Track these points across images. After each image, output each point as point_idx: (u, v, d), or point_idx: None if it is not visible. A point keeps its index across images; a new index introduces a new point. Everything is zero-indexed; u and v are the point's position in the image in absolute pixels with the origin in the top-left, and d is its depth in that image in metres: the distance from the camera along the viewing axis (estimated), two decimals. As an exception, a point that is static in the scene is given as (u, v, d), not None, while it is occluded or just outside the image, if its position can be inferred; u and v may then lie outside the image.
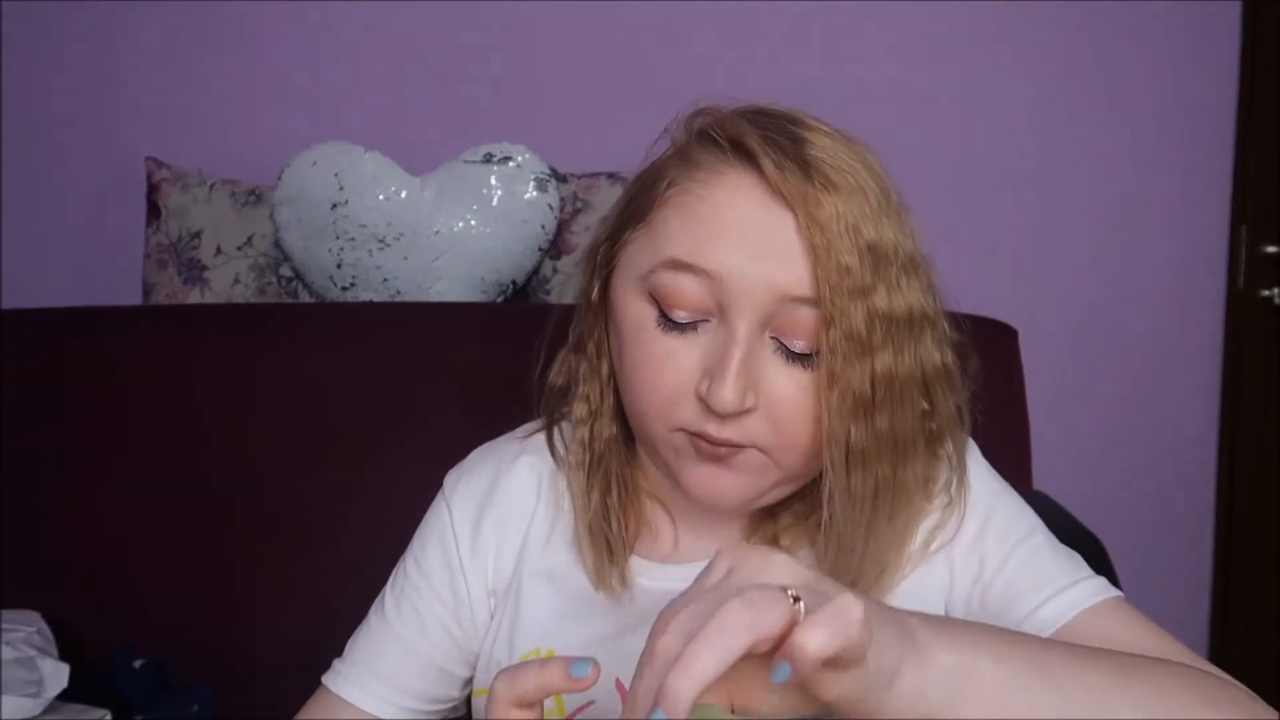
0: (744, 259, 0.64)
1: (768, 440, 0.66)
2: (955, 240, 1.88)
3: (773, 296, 0.64)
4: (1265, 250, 1.89)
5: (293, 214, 1.55)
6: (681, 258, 0.65)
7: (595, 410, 0.75)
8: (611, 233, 0.72)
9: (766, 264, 0.64)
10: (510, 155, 1.54)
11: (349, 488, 1.20)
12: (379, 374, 1.23)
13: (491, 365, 1.13)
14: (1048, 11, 1.86)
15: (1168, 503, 1.96)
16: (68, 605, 1.17)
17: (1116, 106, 1.88)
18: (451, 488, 0.81)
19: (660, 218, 0.68)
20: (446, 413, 1.17)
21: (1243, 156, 1.89)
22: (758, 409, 0.65)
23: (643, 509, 0.76)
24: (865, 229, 0.64)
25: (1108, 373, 1.93)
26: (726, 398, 0.63)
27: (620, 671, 0.69)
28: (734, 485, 0.68)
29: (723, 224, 0.65)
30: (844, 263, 0.63)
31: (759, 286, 0.64)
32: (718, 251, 0.65)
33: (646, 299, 0.68)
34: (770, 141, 0.65)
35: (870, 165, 0.69)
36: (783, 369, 0.66)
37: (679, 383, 0.66)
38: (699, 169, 0.67)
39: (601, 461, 0.75)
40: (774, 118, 0.68)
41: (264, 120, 1.85)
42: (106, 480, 1.21)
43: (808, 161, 0.64)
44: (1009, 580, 0.72)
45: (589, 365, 0.75)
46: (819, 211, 0.63)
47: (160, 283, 1.64)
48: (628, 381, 0.70)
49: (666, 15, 1.84)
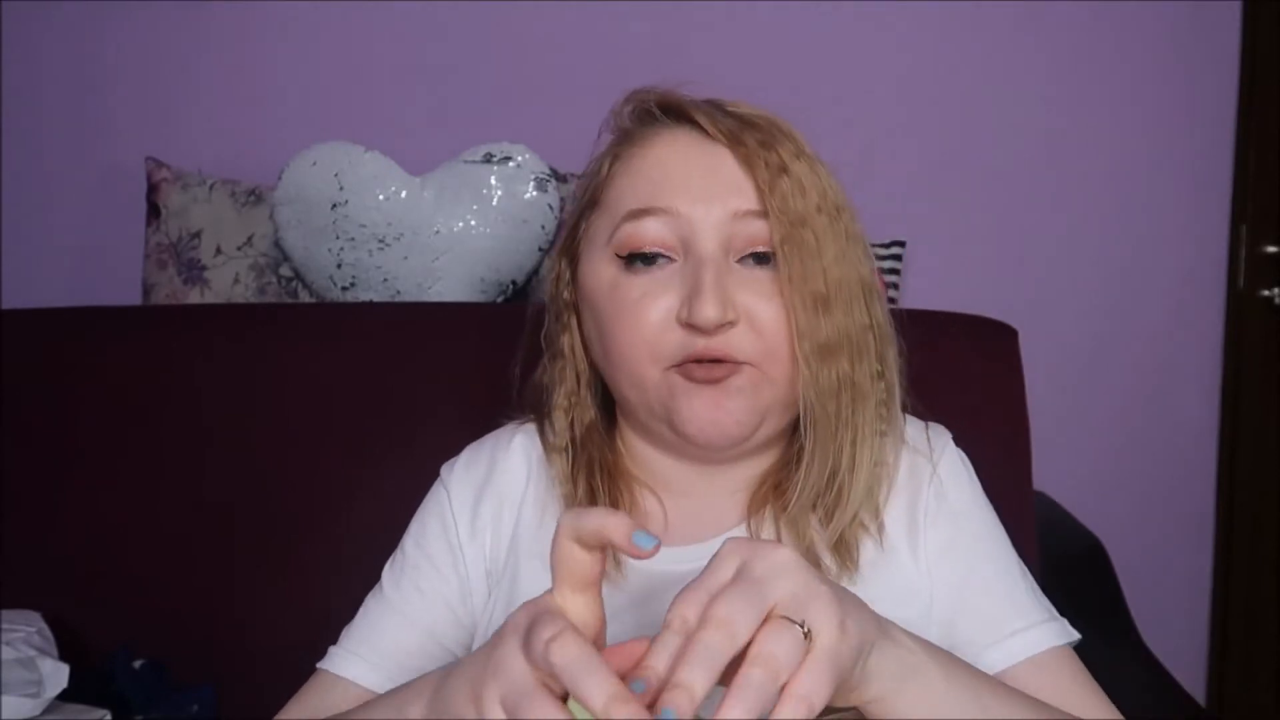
0: (694, 192, 0.72)
1: (756, 351, 0.71)
2: (955, 240, 1.88)
3: (726, 218, 0.71)
4: (1265, 250, 1.89)
5: (293, 214, 1.55)
6: (637, 206, 0.73)
7: (574, 401, 0.80)
8: (570, 231, 0.79)
9: (715, 190, 0.72)
10: (510, 155, 1.54)
11: (349, 487, 1.20)
12: (379, 374, 1.23)
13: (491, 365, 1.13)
14: (1048, 11, 1.86)
15: (1168, 503, 1.96)
16: (68, 605, 1.17)
17: (1116, 106, 1.88)
18: (448, 473, 0.84)
19: (610, 191, 0.76)
20: (446, 413, 1.17)
21: (1243, 156, 1.89)
22: (739, 321, 0.71)
23: (632, 493, 0.79)
24: (791, 164, 0.72)
25: (1108, 373, 1.93)
26: (708, 312, 0.69)
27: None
28: (733, 411, 0.72)
29: (667, 170, 0.73)
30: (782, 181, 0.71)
31: (713, 211, 0.71)
32: (667, 192, 0.72)
33: (614, 259, 0.74)
34: (697, 104, 0.75)
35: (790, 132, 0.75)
36: (751, 281, 0.72)
37: (659, 317, 0.71)
38: (635, 138, 0.76)
39: (584, 446, 0.79)
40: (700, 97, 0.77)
41: (264, 120, 1.85)
42: (106, 480, 1.21)
43: (731, 114, 0.74)
44: (964, 607, 0.75)
45: (565, 360, 0.80)
46: (750, 142, 0.72)
47: (160, 283, 1.64)
48: (612, 336, 0.74)
49: (666, 15, 1.84)
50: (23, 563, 1.18)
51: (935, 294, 1.80)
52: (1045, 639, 0.73)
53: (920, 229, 1.80)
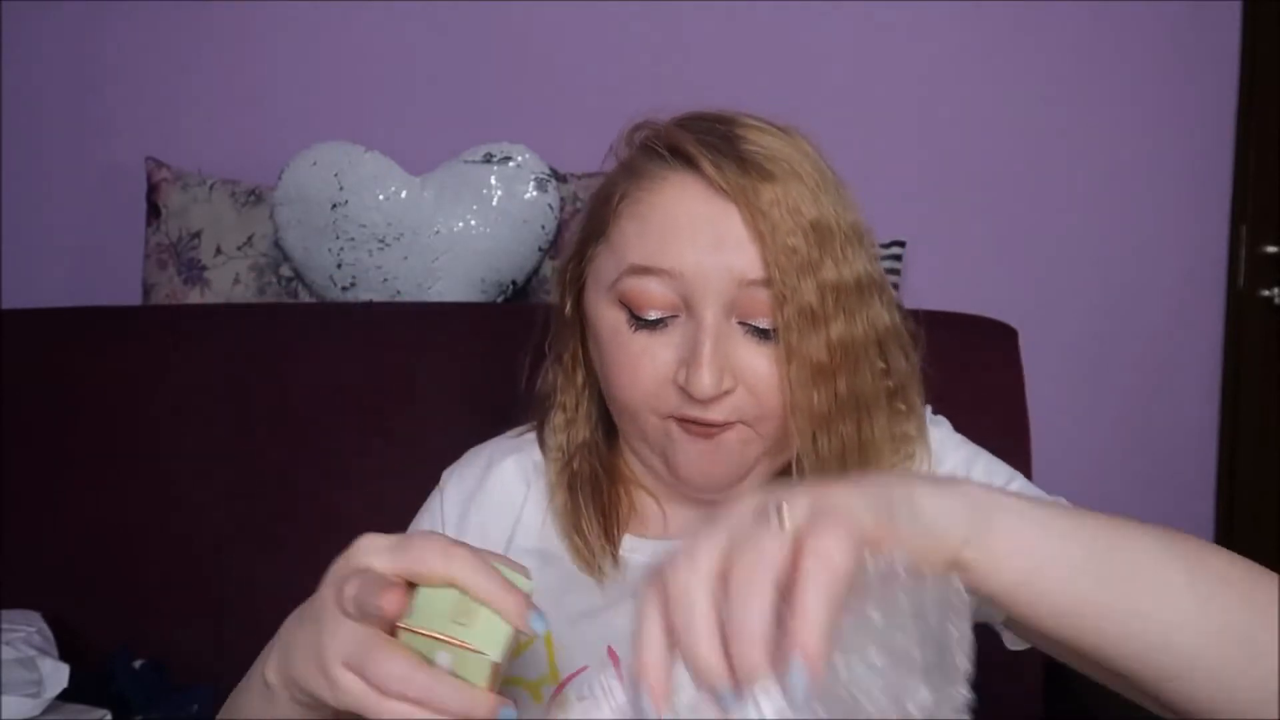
0: (698, 253, 0.69)
1: (750, 413, 0.71)
2: (956, 240, 1.88)
3: (730, 283, 0.69)
4: (1265, 250, 1.89)
5: (293, 214, 1.55)
6: (641, 262, 0.70)
7: (571, 418, 0.80)
8: (576, 251, 0.77)
9: (719, 254, 0.69)
10: (510, 155, 1.54)
11: (349, 487, 1.20)
12: (379, 374, 1.23)
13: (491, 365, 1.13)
14: (1048, 11, 1.86)
15: (1168, 503, 1.96)
16: (68, 605, 1.17)
17: (1117, 106, 1.88)
18: (445, 481, 0.85)
19: (617, 230, 0.73)
20: (446, 412, 1.17)
21: (1243, 156, 1.89)
22: (737, 388, 0.70)
23: (631, 497, 0.80)
24: (805, 209, 0.69)
25: (1108, 373, 1.93)
26: (705, 383, 0.68)
27: (613, 640, 0.73)
28: (724, 461, 0.72)
29: (673, 225, 0.70)
30: (789, 244, 0.68)
31: (716, 276, 0.69)
32: (673, 251, 0.70)
33: (617, 305, 0.72)
34: (705, 143, 0.70)
35: (803, 149, 0.73)
36: (752, 347, 0.70)
37: (657, 376, 0.71)
38: (644, 178, 0.72)
39: (574, 464, 0.79)
40: (707, 120, 0.73)
41: (264, 120, 1.85)
42: (106, 480, 1.21)
43: (743, 156, 0.69)
44: None
45: (565, 376, 0.81)
46: (759, 199, 0.68)
47: (160, 283, 1.64)
48: (611, 382, 0.74)
49: (666, 15, 1.84)
50: (23, 563, 1.18)
51: (935, 294, 1.80)
52: None
53: (920, 229, 1.80)
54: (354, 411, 1.22)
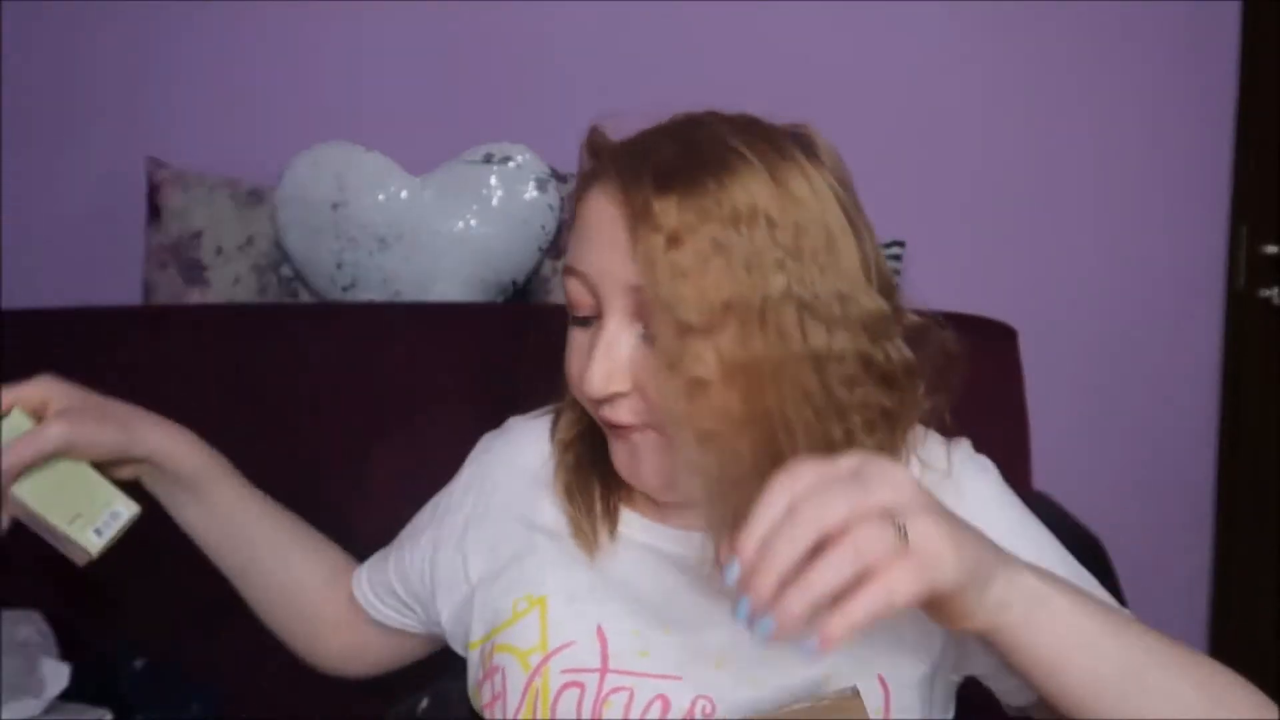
0: (598, 256, 0.71)
1: (648, 419, 0.71)
2: (955, 240, 1.88)
3: (619, 286, 0.70)
4: (1265, 250, 1.89)
5: (293, 214, 1.55)
6: (568, 263, 0.73)
7: (565, 418, 0.84)
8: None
9: (608, 257, 0.70)
10: (510, 155, 1.54)
11: (348, 487, 1.20)
12: (379, 374, 1.23)
13: (491, 365, 1.13)
14: (1047, 11, 1.86)
15: (1168, 503, 1.96)
16: (68, 605, 1.17)
17: (1116, 106, 1.88)
18: (485, 448, 0.90)
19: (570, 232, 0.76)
20: (447, 412, 1.17)
21: (1243, 156, 1.89)
22: (630, 391, 0.71)
23: (628, 485, 0.80)
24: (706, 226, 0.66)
25: (1107, 373, 1.93)
26: (592, 383, 0.70)
27: (603, 619, 0.76)
28: (646, 464, 0.73)
29: (586, 227, 0.72)
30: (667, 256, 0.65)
31: (607, 278, 0.70)
32: (582, 253, 0.72)
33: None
34: (625, 147, 0.73)
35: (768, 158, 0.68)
36: (644, 353, 0.70)
37: (576, 375, 0.74)
38: (582, 179, 0.76)
39: (575, 449, 0.82)
40: (670, 125, 0.74)
41: (264, 120, 1.85)
42: (107, 480, 1.21)
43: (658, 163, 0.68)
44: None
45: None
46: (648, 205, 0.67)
47: (160, 283, 1.64)
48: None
49: (666, 15, 1.84)
50: (23, 562, 1.18)
51: (935, 294, 1.80)
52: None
53: (920, 229, 1.80)
54: (354, 411, 1.22)
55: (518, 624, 0.77)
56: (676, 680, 0.73)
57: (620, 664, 0.74)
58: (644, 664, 0.74)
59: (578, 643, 0.75)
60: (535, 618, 0.77)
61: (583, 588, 0.78)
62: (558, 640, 0.76)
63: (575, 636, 0.76)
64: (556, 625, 0.76)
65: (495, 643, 0.78)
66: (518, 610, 0.78)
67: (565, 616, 0.76)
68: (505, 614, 0.78)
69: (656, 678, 0.73)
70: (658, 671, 0.74)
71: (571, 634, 0.76)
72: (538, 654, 0.76)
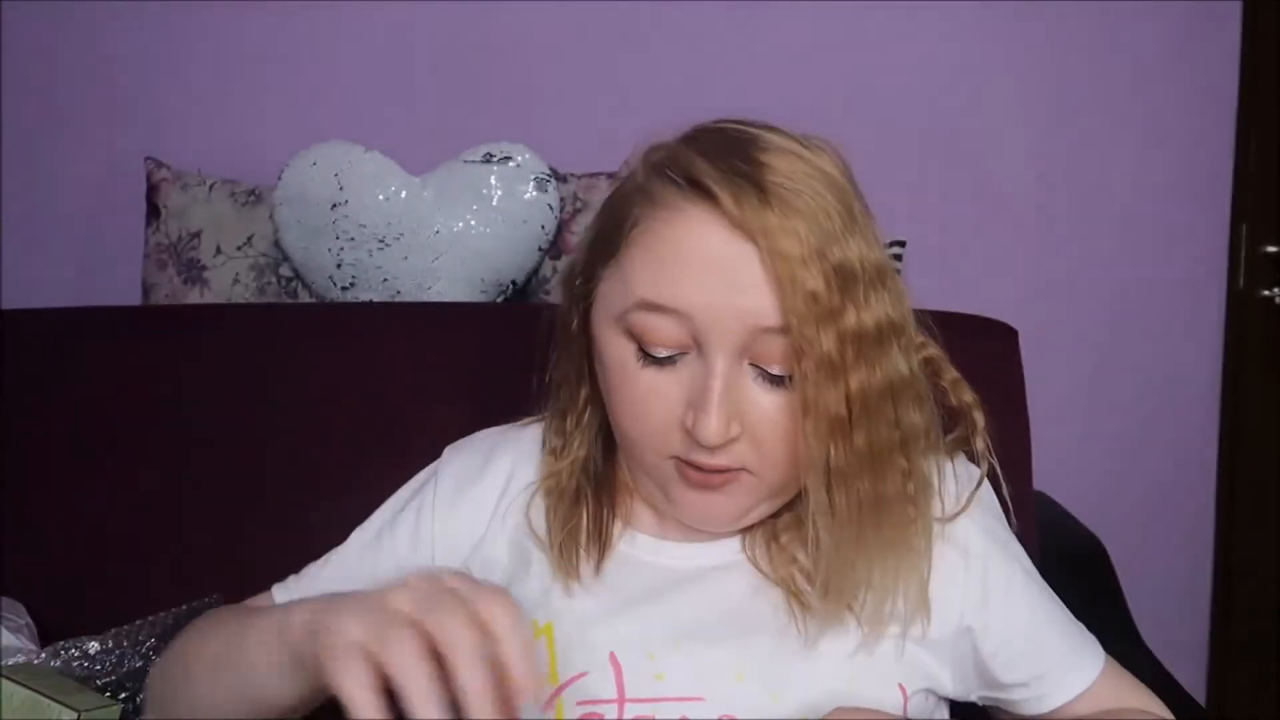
0: (711, 295, 0.65)
1: (755, 461, 0.68)
2: (955, 240, 1.88)
3: (743, 329, 0.65)
4: (1265, 250, 1.89)
5: (293, 214, 1.55)
6: (651, 299, 0.67)
7: (570, 434, 0.78)
8: (585, 268, 0.74)
9: (733, 298, 0.65)
10: (510, 155, 1.54)
11: (348, 487, 1.19)
12: (379, 374, 1.23)
13: (491, 365, 1.13)
14: (1048, 11, 1.86)
15: (1168, 503, 1.96)
16: (66, 606, 1.17)
17: (1116, 106, 1.88)
18: (446, 457, 0.85)
19: (628, 257, 0.69)
20: (446, 413, 1.16)
21: (1243, 156, 1.89)
22: (743, 435, 0.67)
23: (629, 500, 0.79)
24: (831, 251, 0.64)
25: (1108, 372, 1.93)
26: (711, 430, 0.65)
27: (613, 645, 0.73)
28: (724, 506, 0.71)
29: (686, 262, 0.66)
30: (810, 289, 0.64)
31: (728, 320, 0.65)
32: (684, 290, 0.66)
33: (625, 336, 0.69)
34: (725, 174, 0.65)
35: (830, 179, 0.67)
36: (763, 393, 0.67)
37: (664, 416, 0.68)
38: (660, 207, 0.67)
39: (563, 479, 0.78)
40: (728, 140, 0.68)
41: (264, 120, 1.85)
42: (106, 481, 1.21)
43: (765, 188, 0.64)
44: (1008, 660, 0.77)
45: (568, 391, 0.78)
46: (780, 242, 0.63)
47: (160, 283, 1.64)
48: (615, 414, 0.72)
49: (666, 15, 1.83)
50: (22, 562, 1.18)
51: (935, 294, 1.80)
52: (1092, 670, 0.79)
53: (920, 229, 1.80)
54: (354, 411, 1.22)
55: None
56: (699, 701, 0.71)
57: (638, 691, 0.71)
58: (662, 688, 0.71)
59: (590, 673, 0.72)
60: (542, 647, 0.73)
61: (588, 612, 0.74)
62: (568, 671, 0.73)
63: (587, 666, 0.72)
64: (565, 655, 0.73)
65: None
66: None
67: (574, 644, 0.73)
68: None
69: (677, 700, 0.71)
70: (677, 694, 0.71)
71: (582, 664, 0.73)
72: (548, 687, 0.72)
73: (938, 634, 0.74)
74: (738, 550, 0.76)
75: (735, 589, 0.74)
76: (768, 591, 0.74)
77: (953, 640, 0.75)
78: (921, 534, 0.73)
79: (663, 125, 0.72)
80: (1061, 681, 0.78)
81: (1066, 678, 0.78)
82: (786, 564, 0.73)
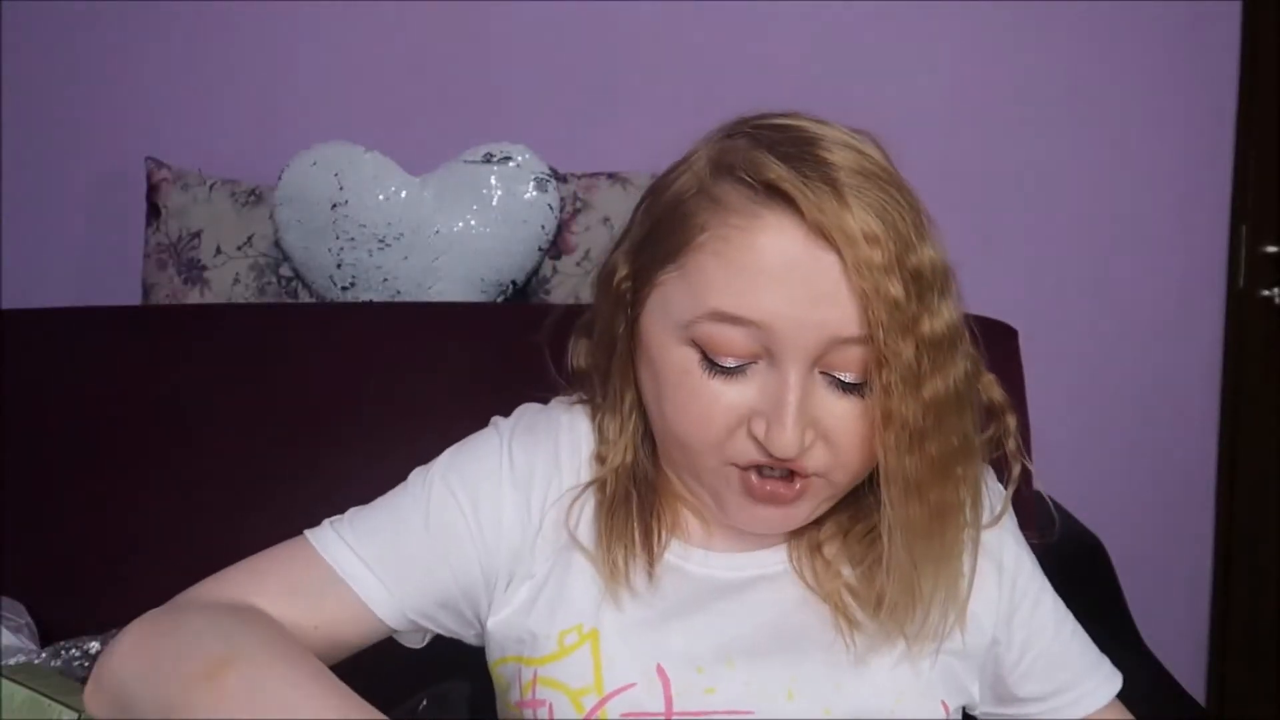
0: (792, 306, 0.63)
1: (826, 465, 0.67)
2: (955, 240, 1.88)
3: (821, 339, 0.64)
4: (1265, 250, 1.89)
5: (293, 214, 1.55)
6: (727, 310, 0.64)
7: (613, 441, 0.74)
8: (637, 269, 0.70)
9: (815, 309, 0.63)
10: (510, 155, 1.54)
11: (348, 487, 1.19)
12: (379, 374, 1.23)
13: (491, 365, 1.13)
14: (1048, 11, 1.86)
15: (1168, 503, 1.96)
16: (67, 605, 1.17)
17: (1116, 106, 1.88)
18: (510, 437, 0.76)
19: (696, 264, 0.66)
20: (446, 412, 1.16)
21: (1243, 156, 1.89)
22: (816, 441, 0.66)
23: (675, 508, 0.76)
24: (908, 257, 0.64)
25: (1108, 372, 1.93)
26: (788, 441, 0.64)
27: (660, 656, 0.70)
28: (788, 516, 0.70)
29: (767, 272, 0.63)
30: (892, 298, 0.62)
31: (808, 331, 0.63)
32: (764, 301, 0.63)
33: (688, 344, 0.66)
34: (802, 177, 0.63)
35: (893, 176, 0.67)
36: (836, 400, 0.66)
37: (731, 423, 0.66)
38: (733, 214, 0.65)
39: (608, 486, 0.74)
40: (791, 139, 0.66)
41: (264, 120, 1.85)
42: (106, 481, 1.21)
43: (841, 192, 0.62)
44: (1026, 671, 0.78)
45: (613, 394, 0.75)
46: (863, 251, 0.62)
47: (160, 283, 1.64)
48: (672, 422, 0.69)
49: (667, 15, 1.84)
50: (22, 562, 1.18)
51: (935, 294, 1.80)
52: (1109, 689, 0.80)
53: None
54: (354, 411, 1.22)
55: (566, 659, 0.71)
56: (749, 715, 0.69)
57: (686, 705, 0.69)
58: (711, 701, 0.69)
59: (638, 684, 0.69)
60: (586, 654, 0.70)
61: (635, 622, 0.71)
62: (614, 682, 0.70)
63: (634, 677, 0.70)
64: (611, 664, 0.70)
65: (538, 674, 0.71)
66: (565, 644, 0.71)
67: (620, 654, 0.70)
68: (550, 646, 0.71)
69: (726, 714, 0.69)
70: (727, 709, 0.69)
71: (629, 674, 0.70)
72: (592, 695, 0.70)
73: (972, 646, 0.74)
74: (784, 560, 0.75)
75: (782, 599, 0.73)
76: (814, 604, 0.73)
77: (984, 653, 0.75)
78: (969, 544, 0.72)
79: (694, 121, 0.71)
80: (1079, 700, 0.78)
81: (1083, 696, 0.78)
82: (833, 579, 0.72)
